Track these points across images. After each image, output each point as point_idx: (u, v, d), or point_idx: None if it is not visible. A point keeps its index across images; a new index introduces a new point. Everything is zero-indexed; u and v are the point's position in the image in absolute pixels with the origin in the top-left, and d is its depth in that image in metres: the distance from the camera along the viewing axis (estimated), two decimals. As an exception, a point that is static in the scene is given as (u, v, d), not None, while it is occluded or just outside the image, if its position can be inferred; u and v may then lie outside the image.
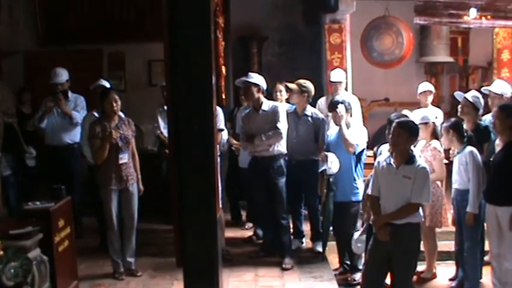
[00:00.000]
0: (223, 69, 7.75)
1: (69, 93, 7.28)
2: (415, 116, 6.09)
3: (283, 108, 6.32)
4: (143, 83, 9.06)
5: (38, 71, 8.94)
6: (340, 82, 7.26)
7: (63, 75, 7.30)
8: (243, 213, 7.91)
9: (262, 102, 6.23)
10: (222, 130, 6.89)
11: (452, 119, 5.82)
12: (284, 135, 6.15)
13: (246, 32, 9.40)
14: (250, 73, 6.39)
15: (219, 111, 6.51)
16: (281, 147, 6.21)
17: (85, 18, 9.11)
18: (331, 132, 6.18)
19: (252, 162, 6.38)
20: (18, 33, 9.10)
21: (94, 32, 9.01)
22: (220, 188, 5.44)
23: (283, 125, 6.14)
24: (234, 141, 7.29)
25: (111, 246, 5.97)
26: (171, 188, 4.29)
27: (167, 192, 7.20)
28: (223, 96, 7.65)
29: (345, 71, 7.81)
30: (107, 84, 7.03)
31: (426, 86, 7.60)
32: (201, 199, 4.12)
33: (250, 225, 7.69)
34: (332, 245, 6.27)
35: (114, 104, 5.84)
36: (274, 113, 6.16)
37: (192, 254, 4.22)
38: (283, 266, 6.12)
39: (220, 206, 4.91)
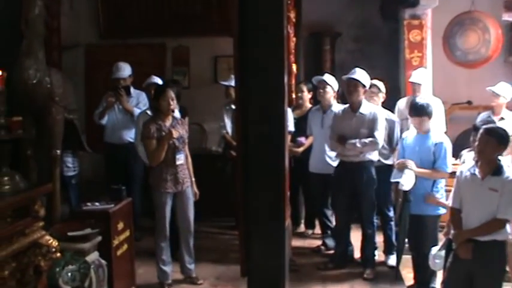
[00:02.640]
0: (294, 67, 7.74)
1: (131, 89, 7.38)
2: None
3: (383, 115, 6.24)
4: (208, 80, 9.13)
5: (98, 65, 9.16)
6: (419, 84, 7.11)
7: (125, 69, 7.43)
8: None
9: (361, 104, 6.18)
10: (291, 132, 6.90)
11: None
12: (380, 146, 6.10)
13: (318, 27, 9.37)
14: (356, 68, 6.34)
15: (289, 112, 6.50)
16: (372, 154, 6.15)
17: (148, 11, 9.24)
18: (409, 135, 6.03)
19: (339, 168, 6.35)
20: (79, 26, 9.32)
21: (157, 25, 9.15)
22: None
23: (380, 134, 6.07)
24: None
25: (160, 253, 5.94)
26: (237, 193, 4.30)
27: (231, 195, 7.36)
28: (294, 96, 7.62)
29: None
30: (160, 82, 7.11)
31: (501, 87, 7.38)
32: (269, 205, 4.09)
33: (310, 232, 7.69)
34: (407, 259, 6.18)
35: (171, 102, 5.86)
36: (373, 120, 6.10)
37: (257, 263, 4.20)
38: (365, 276, 6.19)
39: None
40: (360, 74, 6.21)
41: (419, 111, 5.63)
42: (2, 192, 4.07)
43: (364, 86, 6.19)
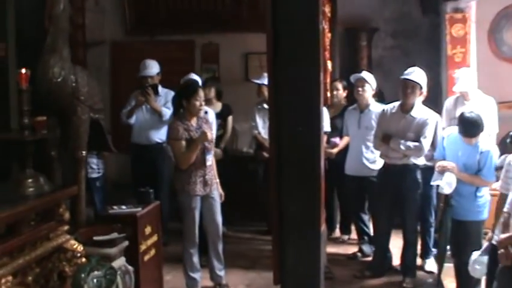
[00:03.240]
0: (329, 64, 7.70)
1: (160, 88, 7.39)
2: None
3: (434, 120, 6.17)
4: (239, 78, 9.14)
5: (124, 62, 9.22)
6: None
7: (153, 67, 7.45)
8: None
9: (413, 106, 6.11)
10: (327, 133, 6.87)
11: None
12: (424, 152, 6.03)
13: (354, 22, 9.33)
14: (414, 67, 6.23)
15: (325, 112, 6.46)
16: (418, 158, 6.09)
17: (176, 6, 9.26)
18: (451, 134, 5.93)
19: (382, 170, 6.31)
20: (105, 22, 9.39)
21: (186, 21, 9.17)
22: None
23: (427, 141, 5.99)
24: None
25: (189, 260, 5.94)
26: (270, 196, 4.27)
27: (263, 199, 7.35)
28: (329, 95, 7.59)
29: (469, 67, 7.57)
30: (199, 80, 7.13)
31: None
32: (304, 209, 4.07)
33: (346, 237, 7.65)
34: (449, 267, 6.11)
35: (203, 102, 5.86)
36: (422, 124, 6.02)
37: (291, 271, 4.18)
38: (404, 285, 6.15)
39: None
40: (419, 75, 6.11)
41: (469, 131, 5.50)
42: (26, 194, 4.09)
43: (421, 88, 6.11)
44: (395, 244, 6.55)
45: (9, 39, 6.00)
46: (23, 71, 4.21)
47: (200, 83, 6.91)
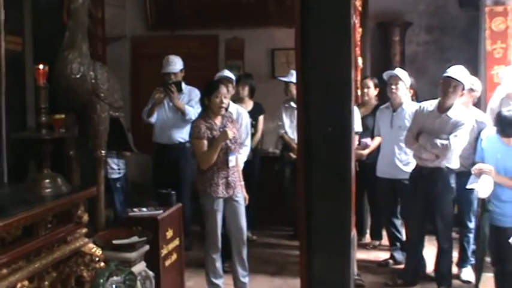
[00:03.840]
0: (360, 60, 7.67)
1: (183, 85, 7.39)
2: None
3: (470, 122, 6.06)
4: (265, 75, 9.15)
5: (145, 58, 9.27)
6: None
7: (176, 63, 7.44)
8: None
9: (451, 106, 6.02)
10: (358, 133, 6.84)
11: None
12: (451, 152, 5.96)
13: (386, 16, 9.30)
14: (458, 66, 6.09)
15: (356, 111, 6.43)
16: (452, 162, 6.03)
17: (200, 0, 9.31)
18: (490, 136, 5.86)
19: (414, 173, 6.25)
20: (125, 16, 9.45)
21: (209, 15, 9.20)
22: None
23: (456, 141, 5.89)
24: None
25: (211, 265, 5.90)
26: (298, 199, 4.27)
27: (290, 202, 7.33)
28: (359, 93, 7.55)
29: (510, 63, 7.49)
30: (232, 76, 7.16)
31: None
32: (333, 213, 4.07)
33: (377, 243, 7.61)
34: (488, 277, 6.04)
35: (224, 100, 5.82)
36: (456, 125, 5.91)
37: (319, 278, 4.18)
38: None
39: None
40: (462, 74, 6.03)
41: (508, 131, 5.44)
42: (43, 195, 4.11)
43: (464, 87, 6.04)
44: (430, 251, 6.49)
45: (26, 34, 6.03)
46: (41, 67, 4.24)
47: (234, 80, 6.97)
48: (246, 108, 7.23)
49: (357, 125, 6.79)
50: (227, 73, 7.23)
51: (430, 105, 6.16)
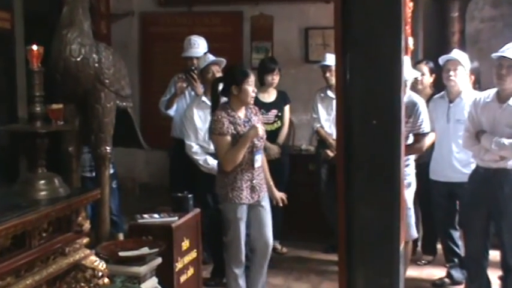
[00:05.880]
0: (411, 41, 7.63)
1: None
2: None
3: None
4: (297, 59, 9.19)
5: (156, 38, 9.31)
6: None
7: (200, 45, 7.45)
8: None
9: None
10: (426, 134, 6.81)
11: None
12: None
13: (443, -12, 9.26)
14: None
15: (423, 103, 6.35)
16: None
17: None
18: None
19: (474, 175, 6.18)
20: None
21: (232, -12, 9.25)
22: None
23: None
24: None
25: (233, 282, 5.85)
26: (337, 204, 4.26)
27: (326, 208, 7.32)
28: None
29: None
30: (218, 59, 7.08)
31: None
32: (379, 223, 4.05)
33: (430, 258, 7.59)
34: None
35: (255, 89, 5.83)
36: None
37: (362, 299, 4.17)
38: None
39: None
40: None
41: None
42: (37, 199, 4.12)
43: None
44: (496, 269, 6.43)
45: (16, 8, 6.04)
46: (34, 47, 4.22)
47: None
48: (268, 98, 7.24)
49: (426, 124, 6.59)
50: (212, 57, 7.13)
51: (488, 95, 6.04)
